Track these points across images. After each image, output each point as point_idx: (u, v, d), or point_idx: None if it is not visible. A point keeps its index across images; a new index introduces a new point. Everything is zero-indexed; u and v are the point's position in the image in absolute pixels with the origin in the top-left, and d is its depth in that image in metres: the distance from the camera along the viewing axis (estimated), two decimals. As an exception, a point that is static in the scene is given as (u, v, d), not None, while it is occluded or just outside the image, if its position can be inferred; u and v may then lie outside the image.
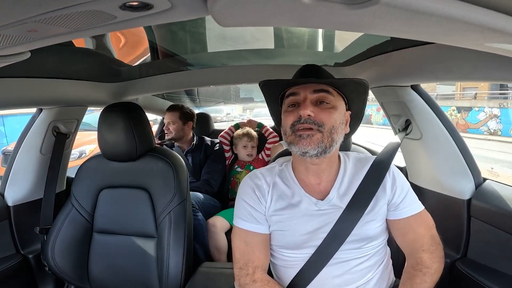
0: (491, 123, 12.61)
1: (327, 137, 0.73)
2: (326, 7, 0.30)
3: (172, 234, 1.08)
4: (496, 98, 13.51)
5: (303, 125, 0.73)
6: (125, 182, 1.18)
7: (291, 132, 0.75)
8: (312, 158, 0.74)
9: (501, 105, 12.46)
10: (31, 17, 0.34)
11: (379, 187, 0.79)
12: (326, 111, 0.74)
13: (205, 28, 1.08)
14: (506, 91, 13.92)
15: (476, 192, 1.03)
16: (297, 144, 0.73)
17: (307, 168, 0.81)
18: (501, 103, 12.61)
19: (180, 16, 0.38)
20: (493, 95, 14.19)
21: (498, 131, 12.28)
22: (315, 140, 0.72)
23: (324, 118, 0.73)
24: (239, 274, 0.79)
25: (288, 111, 0.78)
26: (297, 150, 0.74)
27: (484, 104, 13.05)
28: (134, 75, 1.53)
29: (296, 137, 0.74)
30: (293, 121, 0.75)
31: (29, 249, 1.30)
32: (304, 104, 0.74)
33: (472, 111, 13.25)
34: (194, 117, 2.11)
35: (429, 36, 0.42)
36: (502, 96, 13.73)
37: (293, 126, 0.74)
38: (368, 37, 0.96)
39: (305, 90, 0.76)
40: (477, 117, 13.05)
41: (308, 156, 0.73)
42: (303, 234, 0.77)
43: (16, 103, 1.17)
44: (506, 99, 13.28)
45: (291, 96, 0.78)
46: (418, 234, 0.80)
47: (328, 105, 0.75)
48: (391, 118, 1.21)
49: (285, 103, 0.80)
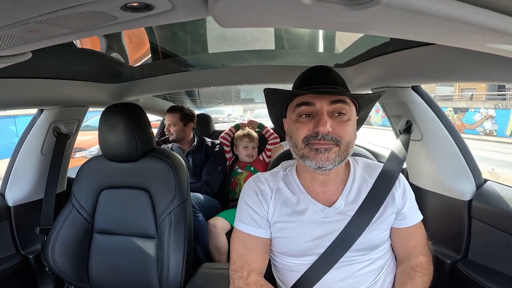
0: (487, 124, 12.74)
1: (343, 151, 0.70)
2: (326, 7, 0.30)
3: (172, 235, 1.08)
4: (494, 99, 13.65)
5: (319, 142, 0.68)
6: (126, 182, 1.18)
7: (303, 146, 0.71)
8: (325, 171, 0.71)
9: (496, 106, 12.59)
10: (33, 18, 0.34)
11: (388, 196, 0.78)
12: (344, 125, 0.70)
13: (206, 29, 1.09)
14: (503, 92, 14.07)
15: (477, 193, 1.02)
16: (313, 159, 0.69)
17: (313, 177, 0.78)
18: (496, 104, 12.74)
19: (181, 17, 0.38)
20: (491, 96, 14.35)
21: (494, 132, 12.41)
22: (333, 155, 0.68)
23: (342, 133, 0.69)
24: (234, 276, 0.79)
25: (300, 122, 0.72)
26: (313, 165, 0.70)
27: (480, 105, 13.21)
28: (135, 76, 1.53)
29: (312, 151, 0.69)
30: (307, 135, 0.70)
31: (29, 249, 1.30)
32: (323, 118, 0.68)
33: (468, 112, 13.40)
34: (194, 118, 2.11)
35: (430, 37, 0.42)
36: (500, 97, 13.90)
37: (307, 140, 0.70)
38: (368, 38, 0.96)
39: (321, 101, 0.69)
40: (473, 118, 13.18)
41: (323, 170, 0.70)
42: (307, 241, 0.76)
43: (17, 104, 1.17)
44: (504, 100, 13.45)
45: (304, 105, 0.71)
46: (418, 241, 0.82)
47: (345, 117, 0.71)
48: (392, 119, 1.20)
49: (296, 112, 0.73)
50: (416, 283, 0.75)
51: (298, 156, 0.73)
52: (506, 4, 0.31)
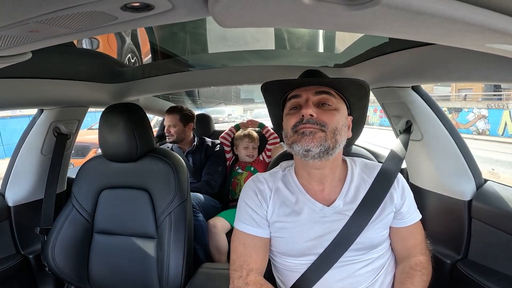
0: (480, 123, 13.15)
1: (330, 137, 0.71)
2: (326, 7, 0.30)
3: (172, 235, 1.08)
4: (490, 99, 14.00)
5: (305, 125, 0.72)
6: (126, 182, 1.18)
7: (292, 133, 0.74)
8: (314, 159, 0.72)
9: (489, 106, 12.96)
10: (33, 18, 0.34)
11: (387, 195, 0.78)
12: (328, 113, 0.74)
13: (206, 29, 1.09)
14: (499, 93, 14.28)
15: (477, 193, 1.02)
16: (299, 142, 0.71)
17: (309, 173, 0.79)
18: (488, 104, 13.14)
19: (181, 17, 0.38)
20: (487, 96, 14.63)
21: (486, 131, 12.80)
22: (318, 138, 0.70)
23: (326, 119, 0.72)
24: (233, 276, 0.79)
25: (290, 113, 0.77)
26: (299, 149, 0.72)
27: (473, 106, 13.63)
28: (135, 76, 1.53)
29: (298, 135, 0.72)
30: (295, 122, 0.74)
31: (29, 250, 1.30)
32: (306, 104, 0.73)
33: (462, 112, 13.79)
34: (194, 118, 2.11)
35: (430, 37, 0.42)
36: (496, 97, 14.26)
37: (295, 127, 0.73)
38: (368, 38, 0.96)
39: (307, 92, 0.76)
40: (467, 117, 13.58)
41: (311, 155, 0.71)
42: (306, 241, 0.76)
43: (17, 104, 1.17)
44: (500, 100, 13.79)
45: (293, 98, 0.77)
46: (418, 240, 0.83)
47: (330, 107, 0.75)
48: (392, 119, 1.20)
49: (287, 106, 0.79)
50: (416, 282, 0.75)
51: (289, 145, 0.76)
52: (506, 4, 0.31)
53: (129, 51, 1.14)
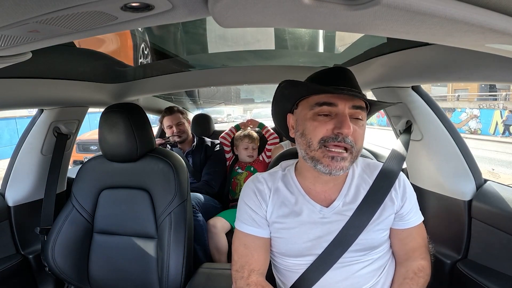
0: (472, 123, 13.64)
1: (354, 158, 0.70)
2: (326, 8, 0.30)
3: (172, 235, 1.08)
4: (486, 99, 14.43)
5: (339, 144, 0.67)
6: (126, 182, 1.18)
7: (318, 147, 0.69)
8: (333, 175, 0.70)
9: (480, 106, 13.44)
10: (33, 18, 0.34)
11: (387, 196, 0.77)
12: (361, 130, 0.70)
13: (206, 29, 1.09)
14: (494, 93, 14.64)
15: (477, 193, 1.02)
16: (326, 165, 0.68)
17: (316, 177, 0.78)
18: (480, 104, 13.65)
19: (181, 17, 0.38)
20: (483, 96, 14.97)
21: (478, 130, 13.29)
22: (347, 164, 0.68)
23: (357, 138, 0.69)
24: (235, 276, 0.79)
25: (319, 120, 0.69)
26: (324, 170, 0.69)
27: (471, 106, 14.08)
28: (135, 76, 1.53)
29: (325, 157, 0.68)
30: (326, 135, 0.68)
31: (29, 250, 1.30)
32: (347, 120, 0.66)
33: (455, 111, 14.22)
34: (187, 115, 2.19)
35: (430, 37, 0.42)
36: (491, 98, 14.72)
37: (325, 142, 0.68)
38: (368, 38, 0.96)
39: (344, 103, 0.68)
40: (460, 117, 14.03)
41: (333, 175, 0.69)
42: (305, 241, 0.76)
43: (17, 104, 1.17)
44: (496, 100, 14.21)
45: (325, 105, 0.69)
46: (418, 244, 0.81)
47: (361, 122, 0.71)
48: (392, 119, 1.20)
49: (314, 110, 0.70)
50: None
51: (309, 157, 0.71)
52: (506, 4, 0.31)
53: (141, 41, 1.14)
